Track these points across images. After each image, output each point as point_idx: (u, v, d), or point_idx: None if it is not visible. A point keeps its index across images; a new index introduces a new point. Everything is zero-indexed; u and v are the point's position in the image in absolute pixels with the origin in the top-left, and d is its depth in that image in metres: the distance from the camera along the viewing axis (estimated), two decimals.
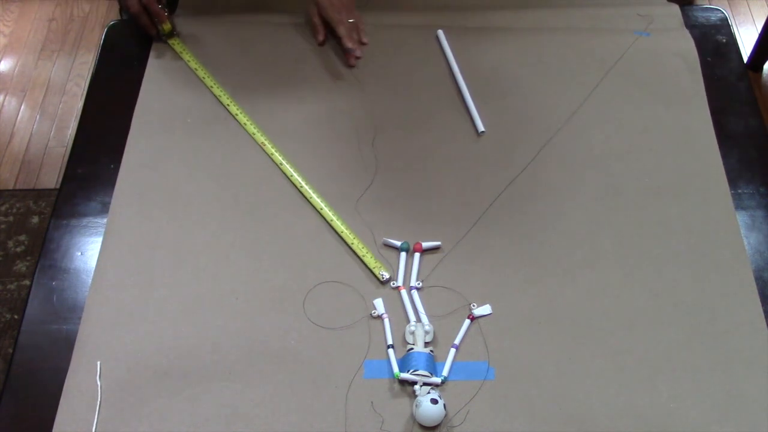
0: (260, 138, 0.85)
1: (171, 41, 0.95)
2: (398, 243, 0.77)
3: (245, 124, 0.87)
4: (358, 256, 0.76)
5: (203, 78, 0.92)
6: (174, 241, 0.78)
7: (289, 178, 0.82)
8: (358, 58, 0.93)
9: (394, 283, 0.75)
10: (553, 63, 0.94)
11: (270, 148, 0.84)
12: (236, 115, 0.88)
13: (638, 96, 0.90)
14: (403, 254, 0.76)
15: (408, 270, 0.76)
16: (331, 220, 0.78)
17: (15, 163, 1.81)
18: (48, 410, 0.66)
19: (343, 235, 0.77)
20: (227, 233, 0.78)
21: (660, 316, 0.72)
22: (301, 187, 0.81)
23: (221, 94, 0.90)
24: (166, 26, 0.94)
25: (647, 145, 0.85)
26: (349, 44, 0.91)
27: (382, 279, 0.74)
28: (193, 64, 0.93)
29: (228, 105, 0.89)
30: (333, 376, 0.68)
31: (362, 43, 0.94)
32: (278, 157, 0.84)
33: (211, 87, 0.91)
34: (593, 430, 0.65)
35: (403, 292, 0.74)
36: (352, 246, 0.76)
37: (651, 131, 0.87)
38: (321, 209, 0.79)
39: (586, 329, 0.71)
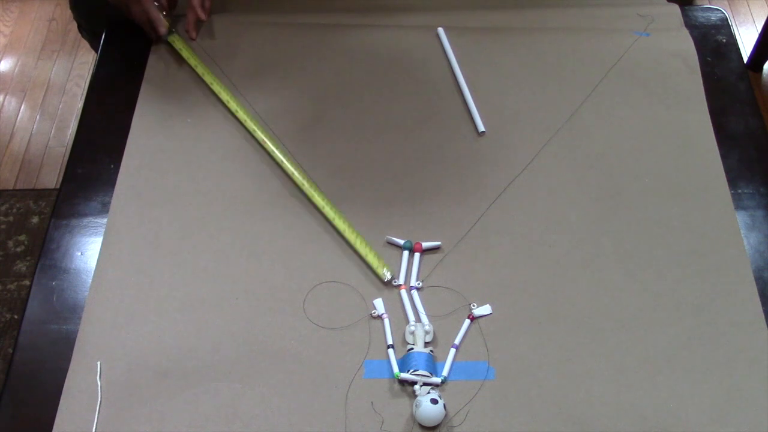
0: (260, 135, 0.85)
1: (170, 38, 0.95)
2: (401, 242, 0.77)
3: (245, 120, 0.87)
4: (361, 256, 0.76)
5: (202, 74, 0.91)
6: (174, 241, 0.78)
7: (290, 177, 0.82)
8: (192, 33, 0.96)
9: (395, 281, 0.75)
10: (553, 63, 0.94)
11: (270, 145, 0.84)
12: (236, 111, 0.88)
13: (638, 96, 0.90)
14: (405, 253, 0.76)
15: (408, 270, 0.76)
16: (333, 219, 0.78)
17: (15, 163, 1.81)
18: (48, 410, 0.66)
19: (345, 234, 0.77)
20: (227, 233, 0.78)
21: (660, 316, 0.72)
22: (303, 185, 0.81)
23: (221, 90, 0.90)
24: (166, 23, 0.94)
25: (647, 145, 0.85)
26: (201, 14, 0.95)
27: (384, 279, 0.74)
28: (193, 61, 0.93)
29: (227, 102, 0.89)
30: (333, 376, 0.68)
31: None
32: (279, 155, 0.83)
33: (211, 84, 0.90)
34: (593, 430, 0.65)
35: (403, 291, 0.74)
36: (354, 245, 0.76)
37: (651, 131, 0.87)
38: (323, 207, 0.79)
39: (586, 329, 0.71)
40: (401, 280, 0.75)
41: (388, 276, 0.74)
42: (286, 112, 0.89)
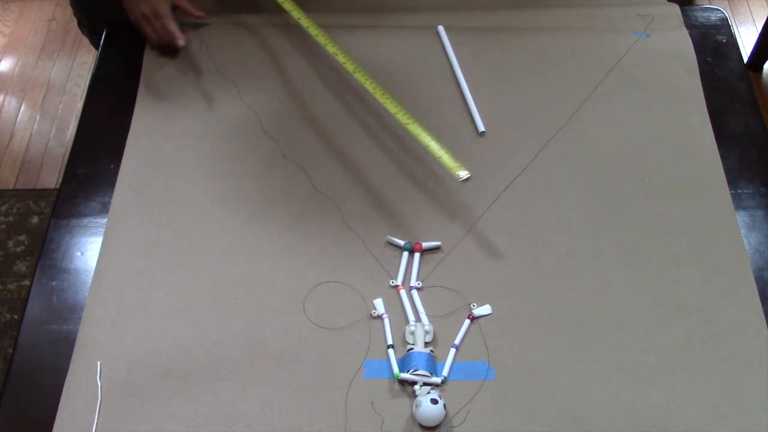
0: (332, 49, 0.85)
1: None
2: (401, 242, 0.77)
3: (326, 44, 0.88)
4: (436, 157, 0.77)
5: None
6: (174, 241, 0.78)
7: (363, 86, 0.84)
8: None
9: (393, 282, 0.75)
10: (553, 63, 0.94)
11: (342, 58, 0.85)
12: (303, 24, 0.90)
13: (638, 96, 0.90)
14: (405, 254, 0.76)
15: (408, 270, 0.76)
16: (407, 124, 0.80)
17: (15, 163, 1.81)
18: (48, 410, 0.66)
19: (419, 137, 0.79)
20: (227, 233, 0.78)
21: (660, 316, 0.72)
22: (375, 92, 0.84)
23: (292, 9, 0.91)
24: None
25: (647, 146, 0.85)
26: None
27: (459, 179, 0.75)
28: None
29: (299, 18, 0.91)
30: (333, 376, 0.68)
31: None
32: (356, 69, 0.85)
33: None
34: (593, 430, 0.65)
35: (403, 292, 0.74)
36: (428, 147, 0.78)
37: (650, 132, 0.87)
38: (396, 113, 0.82)
39: (586, 329, 0.71)
40: (399, 281, 0.75)
41: (463, 176, 0.75)
42: (285, 112, 0.89)
